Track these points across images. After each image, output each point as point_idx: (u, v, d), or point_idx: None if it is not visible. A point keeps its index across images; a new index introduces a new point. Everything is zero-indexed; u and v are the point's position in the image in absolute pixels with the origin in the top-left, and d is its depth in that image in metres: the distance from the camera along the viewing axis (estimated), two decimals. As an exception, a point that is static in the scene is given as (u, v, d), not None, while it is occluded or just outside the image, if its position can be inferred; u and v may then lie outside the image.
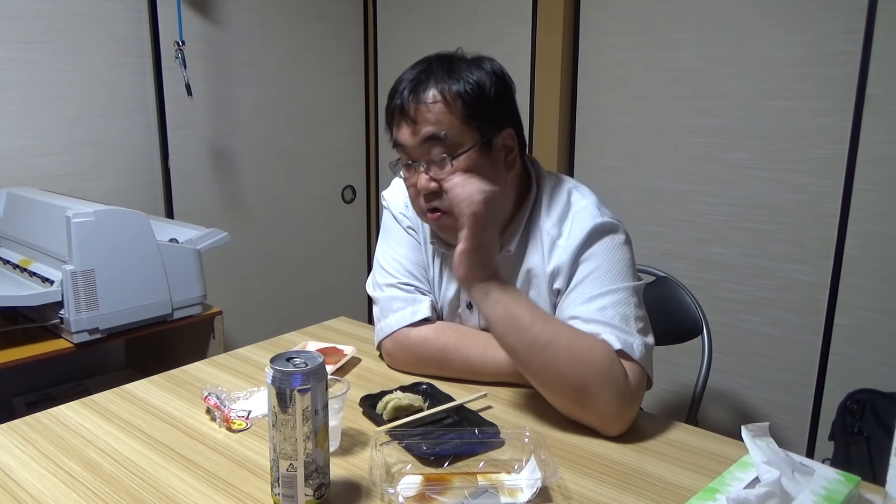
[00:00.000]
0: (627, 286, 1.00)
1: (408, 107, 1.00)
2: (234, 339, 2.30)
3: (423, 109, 0.99)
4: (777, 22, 1.84)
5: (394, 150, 1.07)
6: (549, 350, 0.92)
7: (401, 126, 1.02)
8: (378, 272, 1.19)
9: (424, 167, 1.01)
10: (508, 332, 0.95)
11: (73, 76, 2.01)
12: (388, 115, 1.06)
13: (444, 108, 0.99)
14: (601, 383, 0.91)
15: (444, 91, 0.99)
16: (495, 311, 0.94)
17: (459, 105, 0.99)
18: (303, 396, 0.72)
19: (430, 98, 0.99)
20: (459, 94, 0.99)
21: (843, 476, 0.77)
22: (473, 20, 2.48)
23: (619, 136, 2.20)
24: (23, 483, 0.82)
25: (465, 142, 1.00)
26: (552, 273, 1.05)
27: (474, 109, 1.00)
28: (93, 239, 1.51)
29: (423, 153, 1.01)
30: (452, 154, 0.99)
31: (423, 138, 1.00)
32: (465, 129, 1.00)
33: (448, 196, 0.97)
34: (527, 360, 0.95)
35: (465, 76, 1.00)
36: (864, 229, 1.78)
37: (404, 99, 1.01)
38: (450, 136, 0.99)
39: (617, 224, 1.05)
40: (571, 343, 0.93)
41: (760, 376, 2.01)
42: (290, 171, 2.64)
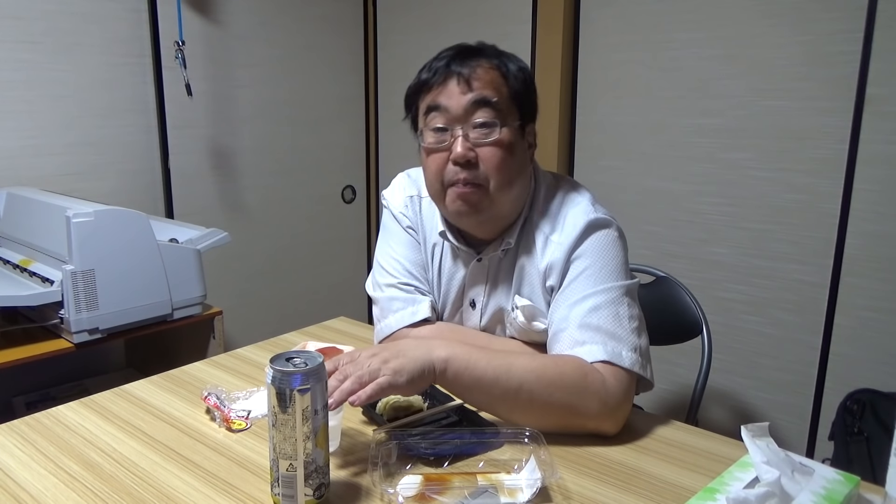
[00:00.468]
0: (620, 285, 1.00)
1: (463, 69, 0.99)
2: (234, 339, 2.30)
3: (479, 72, 0.99)
4: (777, 22, 1.84)
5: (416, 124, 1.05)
6: (522, 394, 0.91)
7: (447, 86, 1.00)
8: (378, 272, 1.19)
9: (463, 132, 1.00)
10: (478, 395, 0.93)
11: (73, 76, 2.01)
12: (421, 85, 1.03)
13: (500, 78, 1.00)
14: (582, 400, 0.91)
15: (499, 64, 1.01)
16: (456, 387, 0.92)
17: (511, 80, 1.01)
18: (302, 396, 0.72)
19: (485, 64, 1.00)
20: (510, 71, 1.01)
21: (843, 476, 0.77)
22: (473, 20, 2.48)
23: (619, 136, 2.20)
24: (23, 483, 0.82)
25: (511, 115, 1.01)
26: (546, 270, 1.05)
27: (521, 90, 1.02)
28: (93, 239, 1.51)
29: (466, 117, 0.99)
30: (501, 122, 0.99)
31: (474, 100, 0.98)
32: (512, 105, 1.01)
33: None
34: (508, 411, 0.94)
35: (512, 58, 1.03)
36: (864, 229, 1.78)
37: (460, 63, 1.00)
38: (500, 104, 0.99)
39: (610, 220, 1.05)
40: (541, 377, 0.91)
41: (760, 376, 2.01)
42: (290, 171, 2.64)
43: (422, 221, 1.17)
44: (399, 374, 0.85)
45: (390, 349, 0.89)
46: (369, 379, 0.84)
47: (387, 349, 0.89)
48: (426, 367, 0.88)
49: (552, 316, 1.02)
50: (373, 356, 0.87)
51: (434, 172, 1.04)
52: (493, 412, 0.96)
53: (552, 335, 1.01)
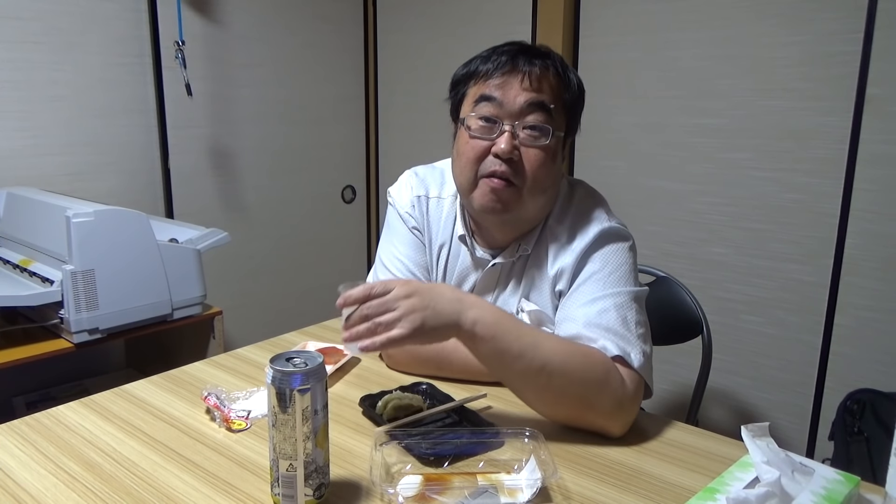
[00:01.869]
0: (629, 291, 1.00)
1: (528, 67, 0.98)
2: (233, 339, 2.30)
3: (547, 75, 0.99)
4: (777, 22, 1.84)
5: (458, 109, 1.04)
6: (542, 376, 0.90)
7: (507, 81, 0.99)
8: (380, 270, 1.18)
9: (513, 129, 0.99)
10: (499, 367, 0.92)
11: (72, 76, 2.01)
12: (476, 72, 1.02)
13: (561, 87, 1.01)
14: (601, 394, 0.91)
15: (563, 73, 1.01)
16: (482, 349, 0.90)
17: (571, 91, 1.02)
18: (302, 396, 0.72)
19: (552, 71, 1.00)
20: (570, 84, 1.02)
21: (843, 476, 0.77)
22: (473, 20, 2.48)
23: (619, 136, 2.20)
24: (23, 483, 0.82)
25: (560, 125, 1.02)
26: (556, 275, 1.05)
27: (576, 103, 1.04)
28: (93, 239, 1.51)
29: (520, 115, 0.99)
30: (552, 128, 1.00)
31: (533, 101, 0.98)
32: (563, 115, 1.02)
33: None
34: (522, 388, 0.94)
35: (573, 72, 1.04)
36: (864, 229, 1.78)
37: (524, 59, 0.99)
38: (554, 113, 1.00)
39: (624, 230, 1.06)
40: (566, 363, 0.90)
41: (760, 376, 2.01)
42: (290, 170, 2.64)
43: (428, 222, 1.16)
44: (417, 332, 0.84)
45: (423, 296, 0.86)
46: (385, 329, 0.83)
47: (419, 295, 0.86)
48: (450, 326, 0.87)
49: (559, 317, 1.02)
50: (403, 299, 0.85)
51: (471, 160, 1.02)
52: (508, 384, 0.95)
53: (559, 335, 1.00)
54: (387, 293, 0.85)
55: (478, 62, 1.03)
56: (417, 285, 0.88)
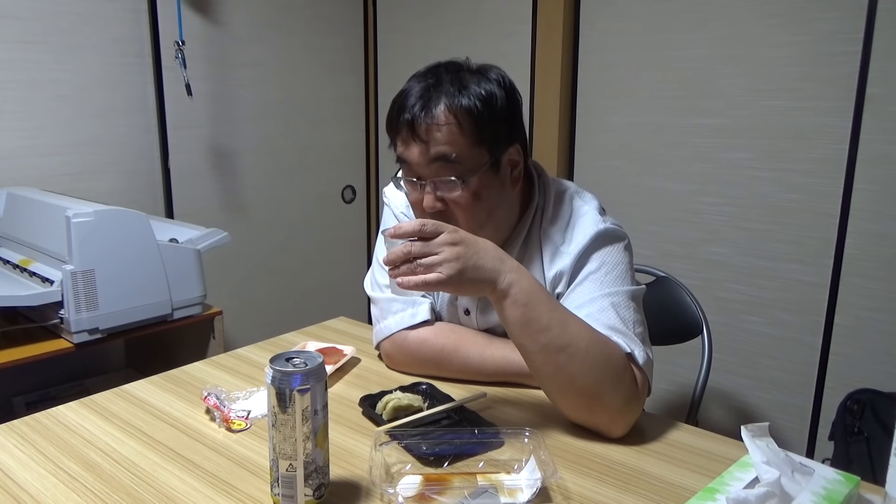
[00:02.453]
0: (626, 290, 1.00)
1: (418, 124, 0.96)
2: (233, 339, 2.30)
3: (433, 129, 0.96)
4: (777, 22, 1.84)
5: (396, 162, 1.03)
6: (563, 355, 0.89)
7: (408, 143, 0.98)
8: (377, 271, 1.19)
9: (431, 187, 0.99)
10: (523, 335, 0.91)
11: (72, 76, 2.01)
12: (392, 126, 1.01)
13: (456, 129, 0.96)
14: (614, 389, 0.91)
15: (455, 108, 0.96)
16: (512, 313, 0.90)
17: (470, 124, 0.96)
18: (302, 396, 0.72)
19: (442, 117, 0.96)
20: (470, 112, 0.96)
21: (843, 476, 0.77)
22: (473, 20, 2.48)
23: (619, 136, 2.20)
24: (22, 483, 0.82)
25: (474, 163, 0.98)
26: (553, 278, 1.05)
27: (485, 129, 0.97)
28: (93, 239, 1.51)
29: (431, 173, 0.98)
30: (462, 176, 0.97)
31: (432, 158, 0.97)
32: (475, 151, 0.98)
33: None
34: (540, 363, 0.92)
35: (476, 90, 0.97)
36: (864, 229, 1.78)
37: (414, 115, 0.96)
38: (460, 158, 0.96)
39: (619, 231, 1.05)
40: (589, 349, 0.90)
41: (760, 376, 2.01)
42: (290, 171, 2.64)
43: None
44: (453, 280, 0.85)
45: (468, 247, 0.87)
46: (423, 271, 0.85)
47: (465, 245, 0.87)
48: (486, 282, 0.88)
49: None
50: (448, 245, 0.86)
51: (417, 213, 1.05)
52: (526, 356, 0.94)
53: None
54: (436, 235, 0.86)
55: (393, 107, 1.01)
56: (465, 235, 0.89)
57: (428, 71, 1.02)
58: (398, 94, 1.01)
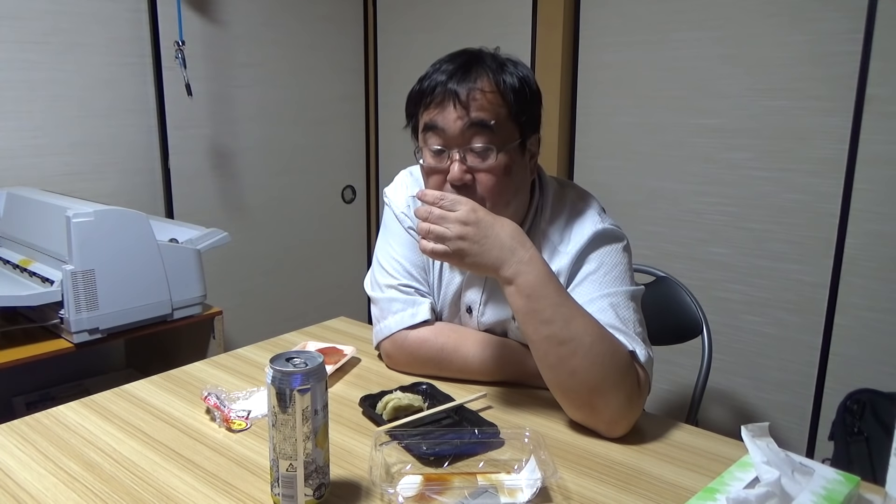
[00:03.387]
0: (625, 290, 1.00)
1: (460, 89, 0.96)
2: (234, 339, 2.30)
3: (476, 94, 0.96)
4: (777, 22, 1.84)
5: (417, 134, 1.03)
6: (565, 348, 0.89)
7: (444, 107, 0.97)
8: (377, 271, 1.18)
9: (461, 156, 0.98)
10: (526, 323, 0.92)
11: (73, 76, 2.01)
12: (422, 97, 1.00)
13: (498, 98, 0.97)
14: (616, 386, 0.91)
15: (499, 80, 0.97)
16: (515, 301, 0.91)
17: (511, 98, 0.98)
18: (302, 396, 0.72)
19: (487, 84, 0.97)
20: (512, 87, 0.98)
21: (843, 476, 0.77)
22: (474, 20, 2.48)
23: (619, 136, 2.20)
24: (23, 483, 0.82)
25: (509, 137, 0.99)
26: None
27: (522, 106, 0.99)
28: (93, 239, 1.51)
29: (463, 140, 0.97)
30: (498, 146, 0.97)
31: (471, 123, 0.96)
32: (510, 125, 0.99)
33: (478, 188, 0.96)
34: (542, 352, 0.92)
35: (514, 70, 1.00)
36: (864, 229, 1.78)
37: (457, 81, 0.96)
38: (497, 128, 0.97)
39: (618, 231, 1.05)
40: (593, 345, 0.90)
41: (760, 376, 2.01)
42: (290, 171, 2.64)
43: None
44: (456, 259, 0.91)
45: (479, 229, 0.90)
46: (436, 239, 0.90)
47: (476, 226, 0.90)
48: (491, 268, 0.91)
49: None
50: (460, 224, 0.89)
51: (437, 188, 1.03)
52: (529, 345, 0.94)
53: None
54: (453, 210, 0.90)
55: (423, 82, 1.02)
56: (483, 216, 0.91)
57: (463, 51, 1.02)
58: (428, 72, 1.01)
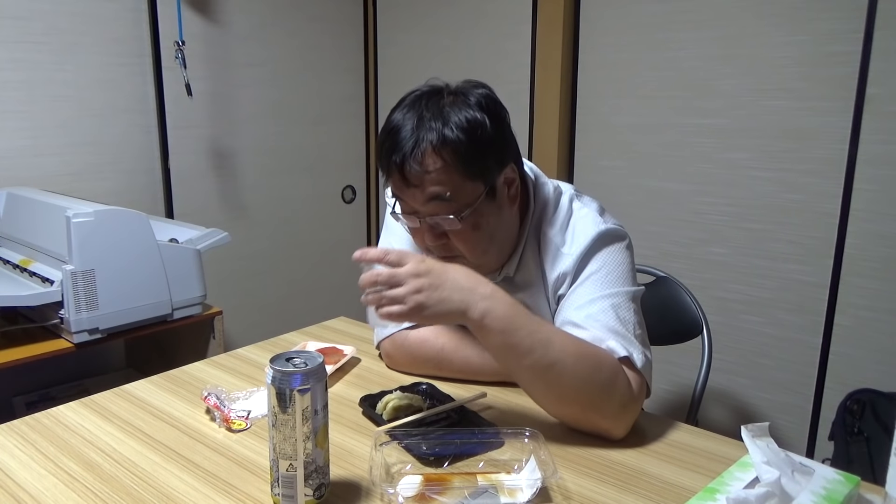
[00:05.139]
0: (627, 291, 1.00)
1: (407, 170, 0.94)
2: (234, 339, 2.30)
3: (424, 174, 0.94)
4: (777, 22, 1.84)
5: (392, 196, 1.01)
6: (550, 373, 0.89)
7: (401, 187, 0.97)
8: (378, 271, 1.18)
9: (429, 226, 0.98)
10: (507, 359, 0.91)
11: (72, 76, 2.01)
12: (383, 167, 0.98)
13: (444, 169, 0.93)
14: (608, 398, 0.91)
15: (440, 148, 0.92)
16: (490, 341, 0.89)
17: (458, 161, 0.93)
18: (302, 396, 0.72)
19: (429, 161, 0.93)
20: (456, 150, 0.93)
21: (843, 476, 0.77)
22: (474, 20, 2.48)
23: (619, 136, 2.20)
24: (22, 483, 0.82)
25: (470, 197, 0.96)
26: (556, 280, 1.04)
27: (474, 161, 0.95)
28: (93, 239, 1.51)
29: (428, 211, 0.97)
30: (458, 213, 0.96)
31: (427, 199, 0.95)
32: (468, 184, 0.96)
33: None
34: (527, 382, 0.93)
35: (458, 120, 0.93)
36: (864, 229, 1.78)
37: (403, 158, 0.93)
38: (454, 196, 0.95)
39: (620, 230, 1.05)
40: (576, 364, 0.89)
41: (760, 376, 2.01)
42: (290, 170, 2.64)
43: None
44: (416, 314, 0.86)
45: (433, 278, 0.86)
46: (388, 303, 0.86)
47: (430, 276, 0.86)
48: (457, 314, 0.87)
49: (558, 319, 1.02)
50: (413, 277, 0.86)
51: (418, 242, 1.05)
52: (512, 376, 0.94)
53: None
54: (401, 265, 0.87)
55: (381, 144, 0.98)
56: (432, 265, 0.88)
57: (413, 102, 0.98)
58: (386, 131, 0.98)
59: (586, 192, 1.12)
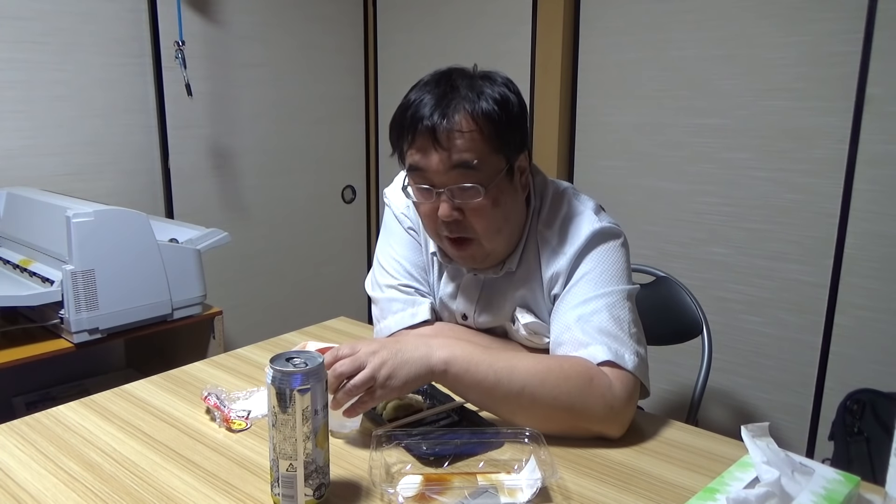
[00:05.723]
0: (622, 289, 1.00)
1: (439, 131, 0.92)
2: (234, 339, 2.30)
3: (454, 135, 0.92)
4: (777, 22, 1.84)
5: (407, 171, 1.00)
6: (524, 398, 0.90)
7: (426, 151, 0.94)
8: (378, 271, 1.18)
9: (449, 195, 0.96)
10: (480, 397, 0.93)
11: (72, 76, 2.01)
12: (403, 135, 0.97)
13: (478, 135, 0.93)
14: (586, 403, 0.91)
15: (476, 114, 0.93)
16: (457, 389, 0.93)
17: (491, 130, 0.94)
18: (302, 396, 0.72)
19: (464, 123, 0.92)
20: (490, 118, 0.93)
21: (843, 476, 0.77)
22: (474, 20, 2.48)
23: (619, 136, 2.20)
24: (23, 483, 0.82)
25: (493, 170, 0.96)
26: (550, 279, 1.04)
27: (504, 134, 0.95)
28: (93, 239, 1.51)
29: (449, 181, 0.95)
30: (483, 183, 0.95)
31: (453, 165, 0.94)
32: (494, 157, 0.96)
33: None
34: (510, 413, 0.93)
35: (492, 94, 0.95)
36: (864, 229, 1.78)
37: (434, 122, 0.92)
38: (481, 165, 0.94)
39: (616, 229, 1.05)
40: (545, 380, 0.90)
41: (760, 376, 2.01)
42: (290, 170, 2.64)
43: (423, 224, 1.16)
44: (391, 380, 0.87)
45: (390, 348, 0.89)
46: (356, 390, 0.86)
47: (386, 348, 0.89)
48: (423, 370, 0.89)
49: (553, 319, 1.02)
50: (370, 355, 0.87)
51: (427, 224, 1.04)
52: (495, 413, 0.96)
53: (554, 338, 1.00)
54: (354, 353, 0.88)
55: (405, 112, 0.97)
56: (383, 341, 0.91)
57: (439, 78, 0.98)
58: (407, 104, 0.97)
59: (586, 192, 1.12)
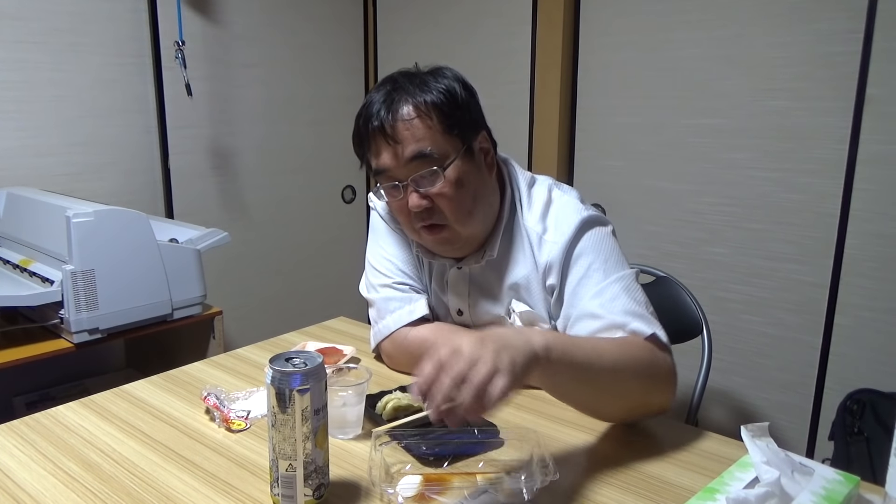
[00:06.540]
0: (630, 273, 1.01)
1: (386, 127, 0.97)
2: (233, 339, 2.30)
3: (401, 127, 0.97)
4: (777, 22, 1.84)
5: (373, 176, 1.04)
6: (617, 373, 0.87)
7: (380, 150, 1.00)
8: (371, 273, 1.19)
9: (413, 185, 0.99)
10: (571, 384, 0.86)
11: (73, 76, 2.01)
12: (361, 140, 1.02)
13: (424, 122, 0.97)
14: (657, 376, 0.92)
15: (419, 104, 0.98)
16: (554, 377, 0.83)
17: (438, 115, 0.98)
18: (302, 397, 0.72)
19: (408, 114, 0.97)
20: (435, 105, 0.98)
21: (843, 476, 0.77)
22: (474, 20, 2.48)
23: (619, 136, 2.20)
24: (22, 483, 0.82)
25: (450, 152, 0.99)
26: (544, 270, 1.05)
27: (452, 117, 0.99)
28: (93, 239, 1.51)
29: (409, 172, 0.99)
30: (441, 165, 0.98)
31: (409, 157, 0.98)
32: (447, 139, 0.99)
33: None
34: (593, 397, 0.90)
35: (435, 85, 0.99)
36: (864, 229, 1.78)
37: (382, 119, 0.97)
38: (435, 150, 0.98)
39: (603, 217, 1.07)
40: (623, 355, 0.89)
41: (760, 376, 2.01)
42: (290, 171, 2.64)
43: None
44: (512, 374, 0.72)
45: (493, 340, 0.74)
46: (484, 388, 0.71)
47: (489, 342, 0.74)
48: (531, 358, 0.76)
49: (575, 315, 1.00)
50: (480, 348, 0.73)
51: (403, 220, 1.07)
52: (575, 399, 0.91)
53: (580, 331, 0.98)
54: (451, 368, 0.72)
55: (358, 121, 1.02)
56: (480, 333, 0.77)
57: (385, 81, 1.03)
58: (359, 112, 1.02)
59: (586, 193, 1.12)
